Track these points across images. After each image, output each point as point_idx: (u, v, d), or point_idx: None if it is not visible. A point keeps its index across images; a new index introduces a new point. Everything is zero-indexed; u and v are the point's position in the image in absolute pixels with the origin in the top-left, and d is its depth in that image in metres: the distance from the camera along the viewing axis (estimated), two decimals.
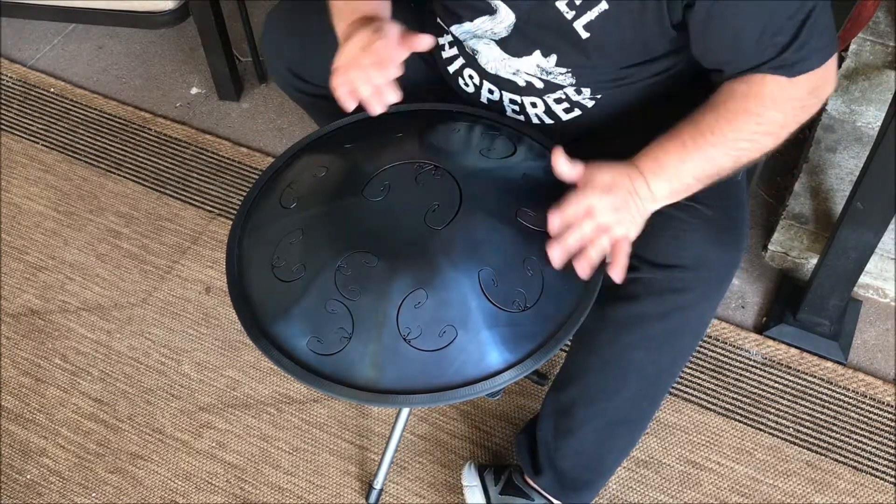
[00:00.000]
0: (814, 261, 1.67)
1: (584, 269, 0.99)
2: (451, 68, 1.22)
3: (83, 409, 1.59)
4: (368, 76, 1.04)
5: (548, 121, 1.19)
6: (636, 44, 1.05)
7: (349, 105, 1.06)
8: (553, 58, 1.09)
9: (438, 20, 1.18)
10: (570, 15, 1.03)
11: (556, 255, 0.98)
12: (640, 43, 1.05)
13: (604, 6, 1.01)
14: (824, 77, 1.01)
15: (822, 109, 1.82)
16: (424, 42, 1.05)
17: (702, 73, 1.08)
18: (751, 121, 1.00)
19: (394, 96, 1.06)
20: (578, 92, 1.13)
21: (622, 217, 0.99)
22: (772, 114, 1.00)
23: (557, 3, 1.03)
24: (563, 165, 1.00)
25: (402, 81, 1.28)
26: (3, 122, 2.08)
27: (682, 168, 1.00)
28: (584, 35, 1.04)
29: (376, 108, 1.07)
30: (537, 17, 1.06)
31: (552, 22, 1.04)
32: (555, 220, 0.98)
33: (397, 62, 1.04)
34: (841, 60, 1.85)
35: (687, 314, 1.09)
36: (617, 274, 0.99)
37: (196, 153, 1.99)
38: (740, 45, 0.98)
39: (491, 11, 1.08)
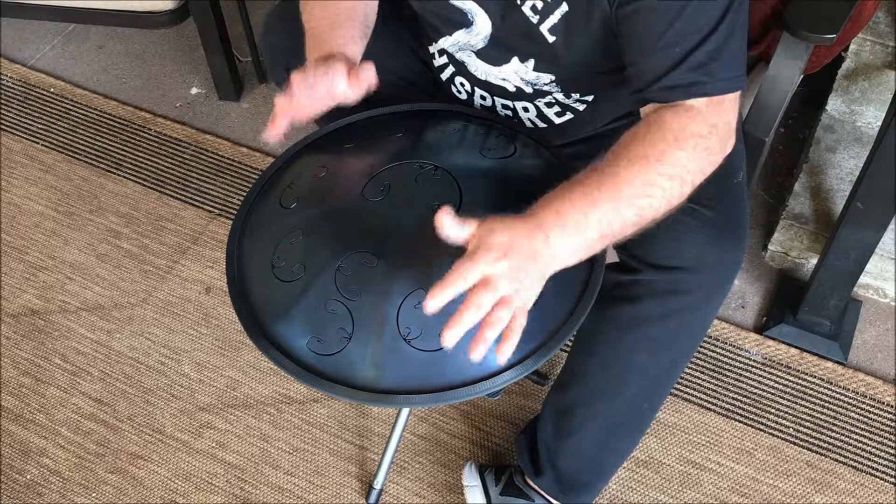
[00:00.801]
0: (814, 261, 1.67)
1: (479, 352, 0.84)
2: (444, 76, 1.22)
3: (83, 409, 1.59)
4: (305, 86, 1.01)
5: (541, 125, 1.19)
6: (600, 47, 1.04)
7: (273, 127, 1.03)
8: (531, 63, 1.09)
9: (428, 31, 1.19)
10: (535, 19, 1.03)
11: (450, 337, 0.83)
12: (602, 47, 1.04)
13: (564, 8, 1.00)
14: (723, 112, 0.96)
15: (823, 109, 1.82)
16: (369, 75, 1.00)
17: None
18: (657, 166, 0.92)
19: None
20: (568, 96, 1.13)
21: (522, 285, 0.86)
22: (675, 153, 0.92)
23: (523, 7, 1.02)
24: (450, 227, 0.87)
25: (400, 83, 1.29)
26: (3, 122, 2.08)
27: (585, 222, 0.89)
28: (550, 39, 1.04)
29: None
30: (509, 24, 1.06)
31: (522, 27, 1.04)
32: (434, 303, 0.83)
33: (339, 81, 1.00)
34: (841, 60, 1.85)
35: (688, 316, 1.09)
36: (504, 354, 0.85)
37: (196, 153, 1.99)
38: (648, 41, 0.95)
39: (468, 23, 1.08)
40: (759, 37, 1.32)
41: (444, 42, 1.14)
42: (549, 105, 1.15)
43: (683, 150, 0.93)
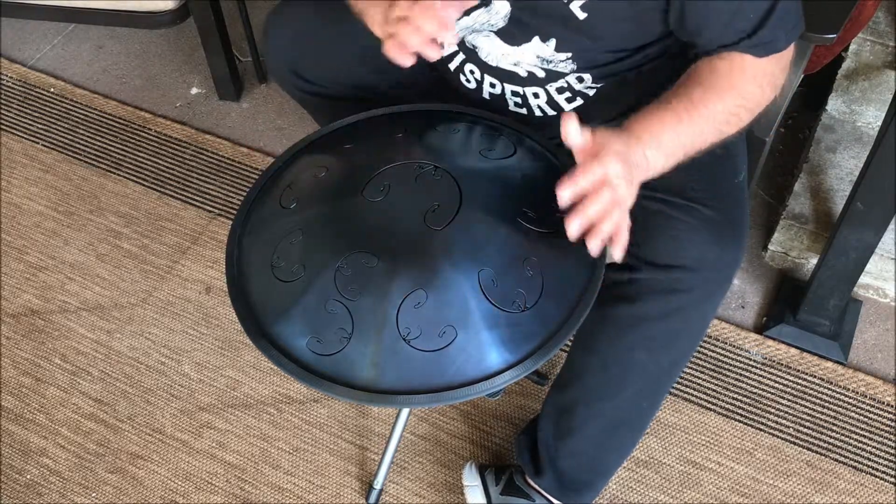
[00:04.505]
0: (814, 261, 1.67)
1: (595, 247, 0.93)
2: (452, 65, 1.22)
3: (83, 409, 1.59)
4: (416, 27, 0.96)
5: (550, 112, 1.19)
6: (632, 22, 1.06)
7: (405, 62, 0.98)
8: (552, 42, 1.09)
9: None
10: None
11: (575, 226, 0.91)
12: (636, 21, 1.06)
13: None
14: (789, 55, 1.07)
15: (823, 109, 1.82)
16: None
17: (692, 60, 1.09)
18: (736, 96, 1.04)
19: (450, 37, 0.97)
20: (580, 80, 1.13)
21: (631, 189, 0.95)
22: (751, 89, 1.04)
23: None
24: (574, 132, 0.92)
25: (402, 81, 1.29)
26: (3, 122, 2.08)
27: (675, 140, 1.01)
28: (582, 16, 1.04)
29: (432, 55, 0.97)
30: (532, 4, 1.06)
31: (548, 7, 1.04)
32: (566, 192, 0.92)
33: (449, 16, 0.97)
34: (841, 60, 1.85)
35: (687, 315, 1.09)
36: (619, 252, 0.95)
37: (196, 153, 1.99)
38: (716, 16, 1.01)
39: (486, 3, 1.08)
40: None
41: (459, 24, 1.12)
42: (560, 91, 1.15)
43: (760, 87, 1.06)
